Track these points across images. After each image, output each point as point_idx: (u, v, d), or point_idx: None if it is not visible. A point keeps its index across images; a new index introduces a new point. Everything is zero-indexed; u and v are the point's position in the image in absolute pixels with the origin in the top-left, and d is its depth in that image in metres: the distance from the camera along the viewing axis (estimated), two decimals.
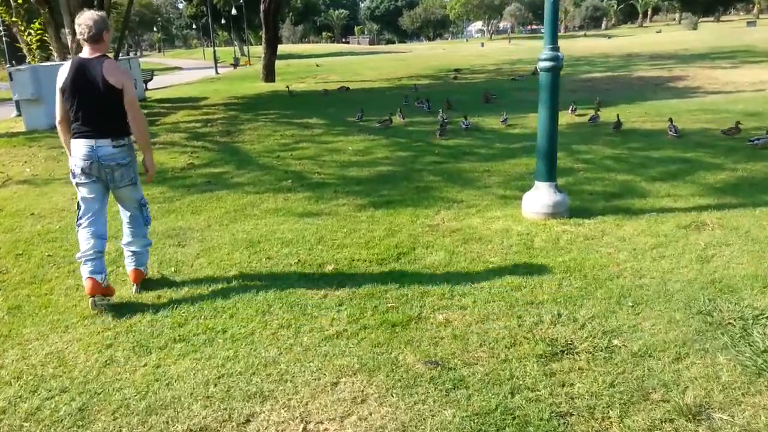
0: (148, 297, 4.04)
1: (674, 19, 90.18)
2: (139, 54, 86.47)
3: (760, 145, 7.84)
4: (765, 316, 3.49)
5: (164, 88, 24.82)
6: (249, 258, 4.69)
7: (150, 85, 24.41)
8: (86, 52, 3.79)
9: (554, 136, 5.36)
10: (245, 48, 55.36)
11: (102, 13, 3.82)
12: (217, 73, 33.94)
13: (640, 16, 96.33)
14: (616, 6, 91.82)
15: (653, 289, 3.90)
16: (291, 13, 73.30)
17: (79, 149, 3.80)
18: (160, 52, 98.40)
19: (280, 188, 6.98)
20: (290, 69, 29.84)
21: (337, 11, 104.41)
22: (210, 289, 4.11)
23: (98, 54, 3.77)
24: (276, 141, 10.32)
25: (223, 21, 57.65)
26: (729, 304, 3.65)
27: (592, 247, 4.69)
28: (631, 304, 3.71)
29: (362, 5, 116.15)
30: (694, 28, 58.73)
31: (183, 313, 3.76)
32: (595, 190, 6.33)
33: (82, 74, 3.74)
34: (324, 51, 57.95)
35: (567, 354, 3.18)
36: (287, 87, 19.31)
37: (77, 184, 3.90)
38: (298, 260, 4.57)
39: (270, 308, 3.77)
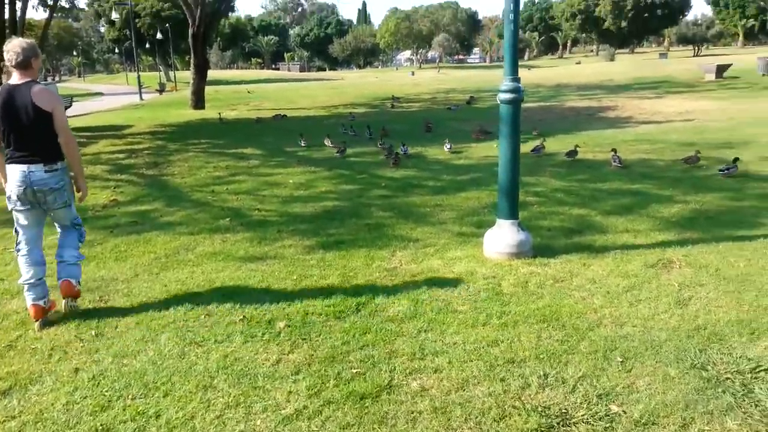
0: (64, 370, 3.36)
1: (592, 51, 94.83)
2: (57, 79, 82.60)
3: (729, 174, 7.90)
4: (762, 368, 3.23)
5: (84, 115, 23.44)
6: (185, 315, 4.07)
7: (69, 112, 23.01)
8: (15, 79, 3.84)
9: (516, 170, 5.06)
10: (171, 73, 53.80)
11: (31, 41, 3.92)
12: (141, 99, 32.54)
13: (560, 47, 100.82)
14: (537, 38, 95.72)
15: (638, 340, 3.58)
16: (219, 39, 71.99)
17: (13, 175, 3.87)
18: (80, 77, 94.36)
19: (216, 228, 6.35)
20: (219, 96, 28.97)
21: (266, 37, 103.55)
22: (139, 359, 3.48)
23: (27, 79, 3.83)
24: (209, 173, 9.64)
25: (147, 45, 55.83)
26: (721, 356, 3.37)
27: (564, 291, 4.36)
28: (620, 359, 3.36)
29: (292, 32, 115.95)
30: (612, 60, 61.75)
31: (106, 391, 3.12)
32: (553, 226, 6.08)
33: (11, 100, 3.79)
34: (254, 77, 57.07)
35: (564, 426, 2.78)
36: (219, 114, 18.56)
37: (14, 210, 3.99)
38: (243, 316, 4.00)
39: (213, 381, 3.18)
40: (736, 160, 8.12)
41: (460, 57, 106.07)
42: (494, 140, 11.85)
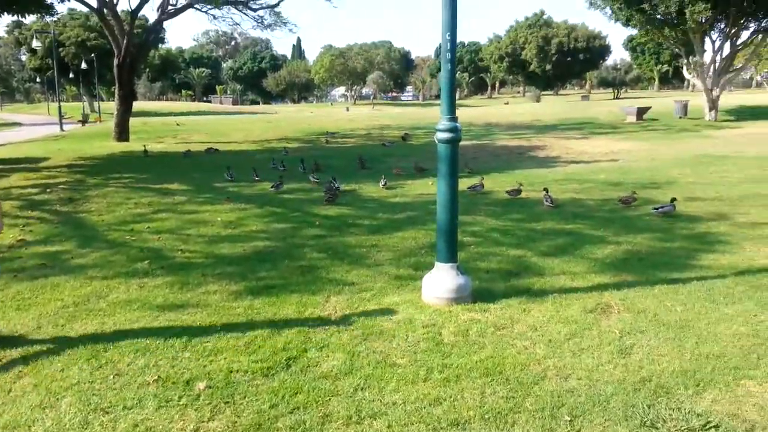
0: None
1: (519, 92, 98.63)
2: None
3: (663, 213, 8.07)
4: (711, 424, 3.11)
5: None
6: (91, 376, 3.60)
7: None
8: None
9: (455, 212, 4.90)
10: (96, 104, 51.86)
11: None
12: (62, 130, 31.05)
13: (489, 87, 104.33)
14: (468, 78, 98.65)
15: (585, 395, 3.41)
16: (148, 70, 70.18)
17: None
18: None
19: (134, 272, 5.84)
20: (146, 128, 27.99)
21: (198, 69, 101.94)
22: (34, 430, 3.01)
23: None
24: (129, 210, 9.05)
25: (71, 75, 53.71)
26: (670, 411, 3.24)
27: (505, 339, 4.18)
28: (567, 417, 3.18)
29: (225, 65, 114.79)
30: (538, 101, 64.40)
31: None
32: (491, 268, 5.94)
33: None
34: (184, 109, 55.84)
35: None
36: (144, 146, 17.81)
37: None
38: (158, 377, 3.57)
39: None
40: (673, 200, 8.33)
41: (394, 94, 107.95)
42: (428, 177, 11.83)
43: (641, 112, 26.01)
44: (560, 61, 77.02)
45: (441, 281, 4.87)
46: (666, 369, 3.72)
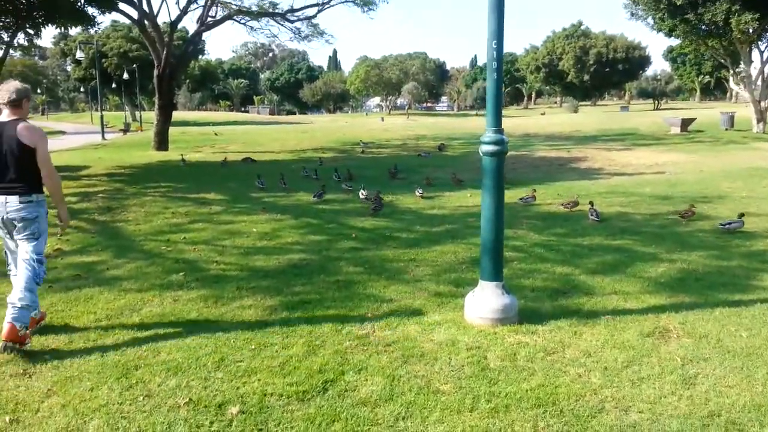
0: None
1: (556, 102, 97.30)
2: None
3: (731, 229, 7.67)
4: None
5: None
6: (120, 396, 3.45)
7: None
8: (5, 116, 4.20)
9: (501, 228, 4.65)
10: (137, 113, 52.98)
11: (26, 85, 4.37)
12: (104, 138, 31.72)
13: (526, 98, 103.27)
14: (504, 89, 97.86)
15: (648, 431, 3.11)
16: (188, 80, 71.50)
17: None
18: (43, 114, 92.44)
19: (168, 284, 5.72)
20: (185, 137, 28.37)
21: (236, 80, 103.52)
22: None
23: (15, 117, 4.19)
24: (166, 220, 9.00)
25: (114, 85, 55.00)
26: None
27: (557, 366, 3.89)
28: None
29: (263, 76, 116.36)
30: (575, 111, 63.24)
31: None
32: (536, 286, 5.64)
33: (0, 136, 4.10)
34: (222, 119, 56.62)
35: None
36: (181, 156, 17.96)
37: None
38: (190, 399, 3.39)
39: None
40: (741, 215, 7.90)
41: (429, 104, 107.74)
42: (466, 189, 11.57)
43: (686, 123, 25.23)
44: (598, 71, 75.59)
45: (485, 300, 4.61)
46: (736, 402, 3.39)
